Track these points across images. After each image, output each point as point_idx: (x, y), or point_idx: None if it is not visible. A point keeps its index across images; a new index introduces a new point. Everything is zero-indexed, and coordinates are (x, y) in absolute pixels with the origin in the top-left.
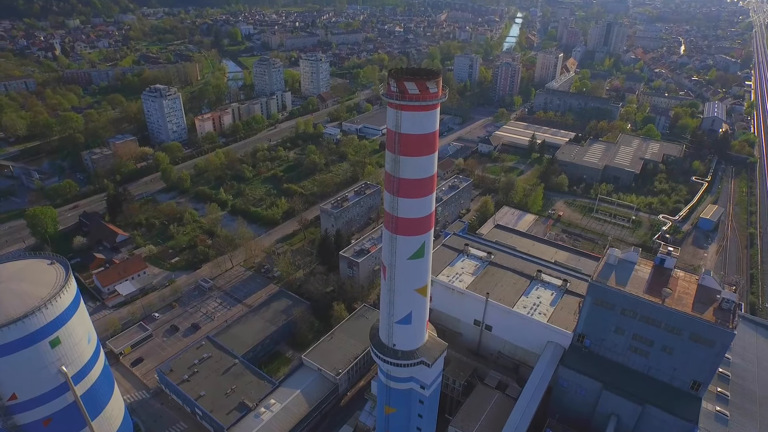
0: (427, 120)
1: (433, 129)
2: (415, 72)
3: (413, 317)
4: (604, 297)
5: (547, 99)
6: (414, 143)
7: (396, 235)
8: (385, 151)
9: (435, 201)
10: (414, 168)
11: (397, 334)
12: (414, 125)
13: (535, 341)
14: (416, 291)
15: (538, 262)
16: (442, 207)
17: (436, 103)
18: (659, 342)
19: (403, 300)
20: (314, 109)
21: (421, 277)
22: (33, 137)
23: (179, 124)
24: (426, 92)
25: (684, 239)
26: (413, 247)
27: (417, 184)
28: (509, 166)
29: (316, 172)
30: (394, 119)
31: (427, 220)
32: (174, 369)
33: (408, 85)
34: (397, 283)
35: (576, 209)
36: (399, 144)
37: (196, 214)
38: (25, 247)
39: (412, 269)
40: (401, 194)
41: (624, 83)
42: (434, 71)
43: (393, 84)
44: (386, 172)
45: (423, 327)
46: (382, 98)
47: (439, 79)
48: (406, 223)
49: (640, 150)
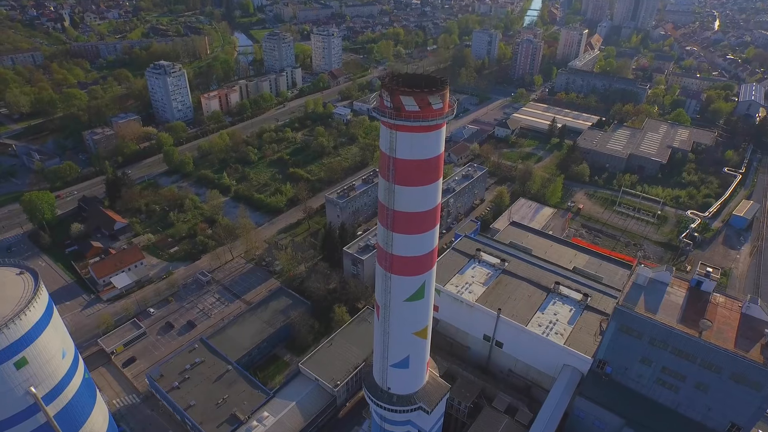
0: (429, 143)
1: (436, 153)
2: (415, 81)
3: (411, 361)
4: (632, 324)
5: (569, 79)
6: (413, 170)
7: (390, 274)
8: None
9: (437, 236)
10: (412, 199)
11: (392, 378)
12: (413, 149)
13: (550, 363)
14: (414, 334)
15: (555, 272)
16: (455, 198)
17: (441, 122)
18: (693, 378)
19: (398, 344)
20: (325, 86)
21: (420, 319)
22: (37, 114)
23: (184, 103)
24: (428, 109)
25: (714, 238)
26: (411, 288)
27: (416, 218)
28: (527, 152)
29: (323, 155)
30: (387, 140)
31: (427, 257)
32: (164, 374)
33: (405, 100)
34: (392, 325)
35: (597, 202)
36: (394, 171)
37: (197, 199)
38: (23, 233)
39: (409, 311)
40: (397, 229)
41: (652, 62)
42: (439, 80)
43: (386, 98)
44: (379, 200)
45: (422, 370)
46: (372, 114)
47: (444, 92)
48: (403, 261)
49: (668, 137)
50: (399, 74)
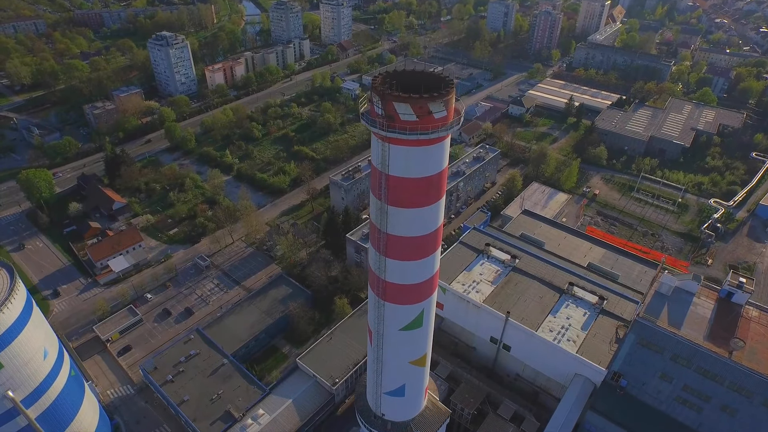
0: (429, 158)
1: (438, 169)
2: (414, 80)
3: (408, 389)
4: (652, 338)
5: (589, 54)
6: (409, 190)
7: (384, 301)
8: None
9: (438, 260)
10: (409, 222)
11: (386, 405)
12: (409, 165)
13: (560, 371)
14: (411, 363)
15: (569, 271)
16: (465, 182)
17: (445, 134)
18: (719, 399)
19: (393, 373)
20: (333, 59)
21: (417, 349)
22: (38, 86)
23: (188, 75)
24: (428, 119)
25: (738, 230)
26: (407, 317)
27: (413, 243)
28: (542, 132)
29: (330, 133)
30: (379, 154)
31: (427, 284)
32: (159, 367)
33: (399, 108)
34: (387, 354)
35: (614, 187)
36: (386, 190)
37: (198, 179)
38: (21, 212)
39: (406, 341)
40: (390, 254)
41: (678, 36)
42: (443, 80)
43: (377, 103)
44: (370, 220)
45: (420, 396)
46: (362, 121)
47: (449, 97)
48: (398, 289)
49: (692, 118)
50: (394, 72)
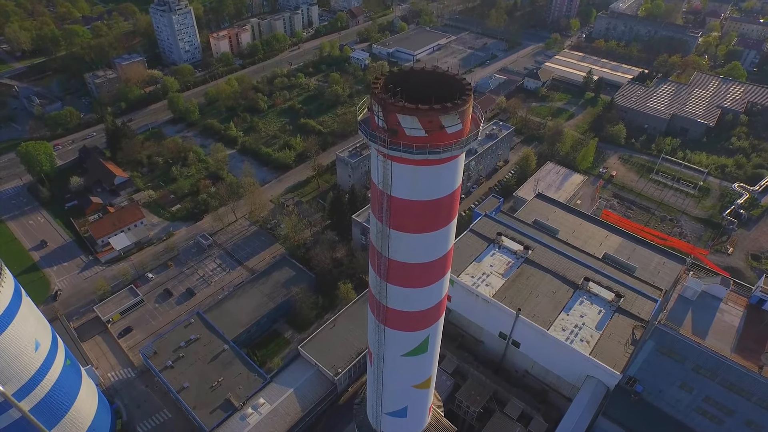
0: (439, 178)
1: (450, 189)
2: (423, 81)
3: (410, 411)
4: (674, 347)
5: (610, 24)
6: (414, 213)
7: (385, 326)
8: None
9: (447, 284)
10: (414, 249)
11: (387, 424)
12: (416, 187)
13: (571, 371)
14: (415, 387)
15: (584, 264)
16: (477, 161)
17: (459, 152)
18: (743, 414)
19: (395, 396)
20: (343, 26)
21: (422, 373)
22: (39, 52)
23: (192, 43)
24: (439, 134)
25: (762, 216)
26: (411, 343)
27: (418, 270)
28: (558, 107)
29: (338, 105)
30: (380, 171)
31: (434, 310)
32: (158, 351)
33: (405, 121)
34: (387, 378)
35: (632, 168)
36: (389, 211)
37: (201, 152)
38: (23, 185)
39: (408, 366)
40: (392, 281)
41: (706, 4)
42: (460, 84)
43: (378, 114)
44: (370, 241)
45: (423, 416)
46: (360, 132)
47: (467, 107)
48: (401, 316)
49: (718, 95)
50: (399, 72)
